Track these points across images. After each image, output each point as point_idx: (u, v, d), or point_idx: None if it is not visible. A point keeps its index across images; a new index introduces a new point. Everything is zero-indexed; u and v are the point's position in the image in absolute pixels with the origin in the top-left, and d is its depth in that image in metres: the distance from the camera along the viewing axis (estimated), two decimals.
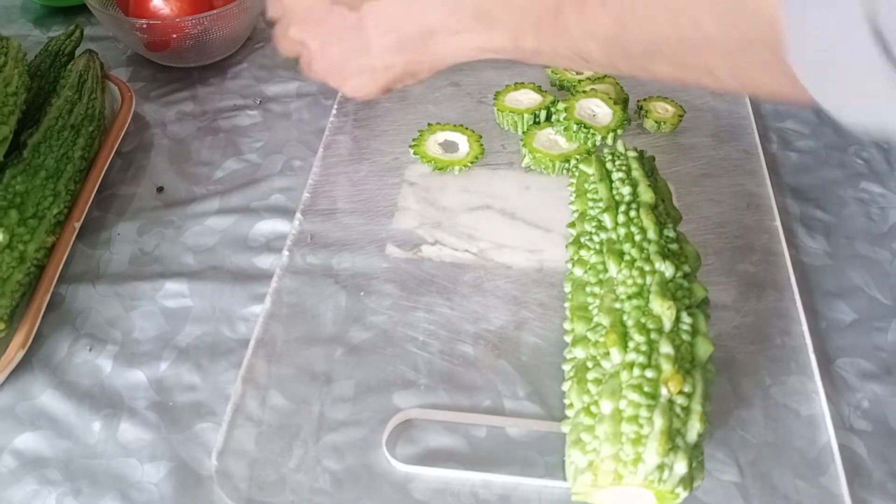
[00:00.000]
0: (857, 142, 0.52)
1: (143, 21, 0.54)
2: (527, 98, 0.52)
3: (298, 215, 0.46)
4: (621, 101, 0.52)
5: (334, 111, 0.54)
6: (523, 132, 0.51)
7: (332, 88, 0.56)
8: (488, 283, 0.43)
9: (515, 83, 0.53)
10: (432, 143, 0.50)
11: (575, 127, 0.48)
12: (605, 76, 0.54)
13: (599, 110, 0.50)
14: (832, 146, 0.52)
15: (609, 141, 0.48)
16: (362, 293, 0.42)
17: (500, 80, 0.54)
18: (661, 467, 0.28)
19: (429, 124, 0.52)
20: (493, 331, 0.41)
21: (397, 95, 0.55)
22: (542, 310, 0.41)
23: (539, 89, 0.53)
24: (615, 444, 0.29)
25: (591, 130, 0.48)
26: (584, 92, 0.51)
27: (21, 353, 0.39)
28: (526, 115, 0.51)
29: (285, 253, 0.44)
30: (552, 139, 0.50)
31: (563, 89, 0.55)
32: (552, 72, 0.55)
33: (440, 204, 0.47)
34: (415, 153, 0.50)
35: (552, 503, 0.34)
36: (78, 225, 0.44)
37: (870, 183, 0.49)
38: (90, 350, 0.41)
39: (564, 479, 0.32)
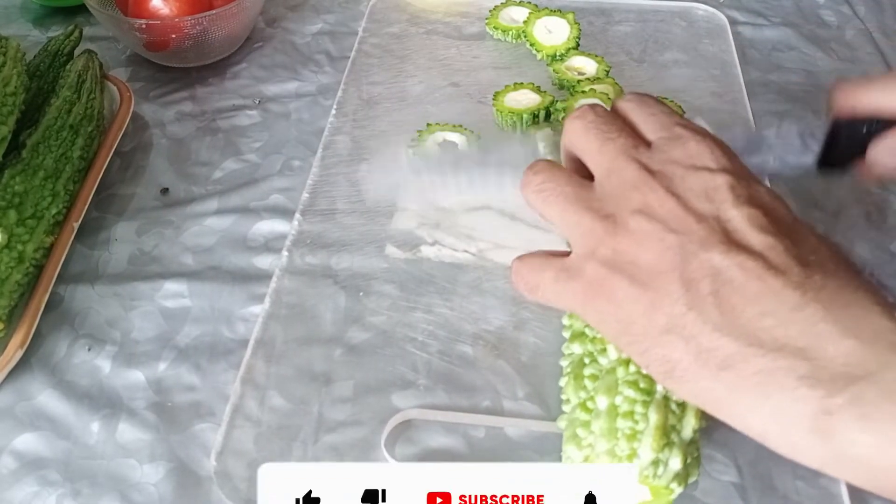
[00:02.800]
0: None
1: (143, 21, 0.54)
2: (526, 98, 0.52)
3: (297, 215, 0.46)
4: None
5: (333, 111, 0.53)
6: (522, 132, 0.51)
7: (331, 89, 0.56)
8: (487, 283, 0.43)
9: (515, 83, 0.53)
10: (431, 144, 0.50)
11: None
12: (604, 76, 0.54)
13: None
14: None
15: None
16: (361, 293, 0.42)
17: (500, 81, 0.54)
18: (655, 462, 0.28)
19: (428, 124, 0.52)
20: (492, 331, 0.41)
21: (397, 95, 0.55)
22: (541, 310, 0.41)
23: (538, 89, 0.53)
24: (610, 439, 0.29)
25: None
26: (583, 92, 0.51)
27: (20, 353, 0.39)
28: (525, 116, 0.51)
29: (284, 253, 0.44)
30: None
31: (563, 89, 0.55)
32: (553, 70, 0.55)
33: (439, 204, 0.47)
34: (414, 154, 0.50)
35: None
36: (77, 225, 0.44)
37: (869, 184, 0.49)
38: (89, 350, 0.41)
39: None
